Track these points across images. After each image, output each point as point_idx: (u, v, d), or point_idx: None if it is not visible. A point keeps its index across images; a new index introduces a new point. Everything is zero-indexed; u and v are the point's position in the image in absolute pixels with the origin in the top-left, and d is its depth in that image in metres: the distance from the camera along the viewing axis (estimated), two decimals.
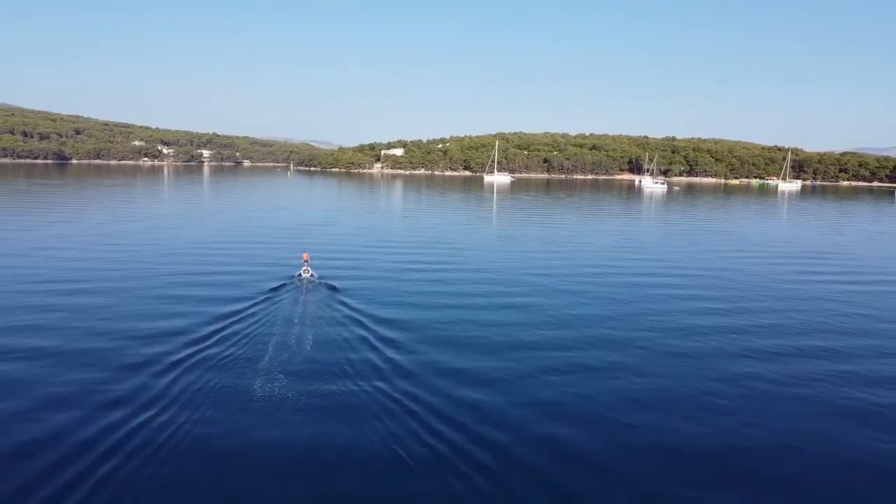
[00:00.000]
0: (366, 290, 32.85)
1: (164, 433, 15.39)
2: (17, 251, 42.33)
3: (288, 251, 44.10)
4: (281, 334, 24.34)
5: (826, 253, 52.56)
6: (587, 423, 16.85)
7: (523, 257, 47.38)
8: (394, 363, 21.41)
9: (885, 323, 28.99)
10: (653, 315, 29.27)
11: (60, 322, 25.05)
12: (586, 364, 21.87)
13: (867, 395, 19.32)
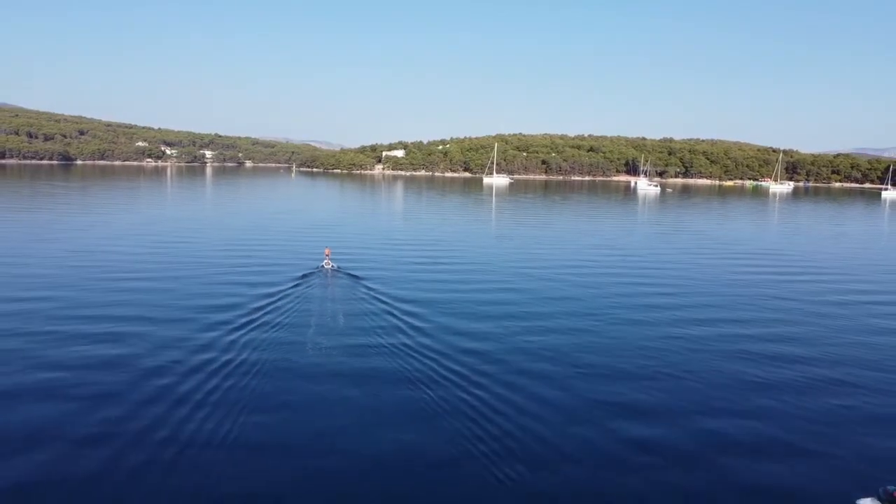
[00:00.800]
0: (380, 277, 39.06)
1: (239, 369, 21.65)
2: (84, 248, 48.53)
3: (308, 247, 50.25)
4: (318, 308, 30.78)
5: (776, 252, 58.10)
6: (551, 361, 23.71)
7: (514, 254, 53.67)
8: (411, 325, 28.04)
9: (789, 302, 35.64)
10: (611, 297, 35.77)
11: (148, 301, 31.33)
12: (552, 327, 28.71)
13: (752, 345, 25.73)
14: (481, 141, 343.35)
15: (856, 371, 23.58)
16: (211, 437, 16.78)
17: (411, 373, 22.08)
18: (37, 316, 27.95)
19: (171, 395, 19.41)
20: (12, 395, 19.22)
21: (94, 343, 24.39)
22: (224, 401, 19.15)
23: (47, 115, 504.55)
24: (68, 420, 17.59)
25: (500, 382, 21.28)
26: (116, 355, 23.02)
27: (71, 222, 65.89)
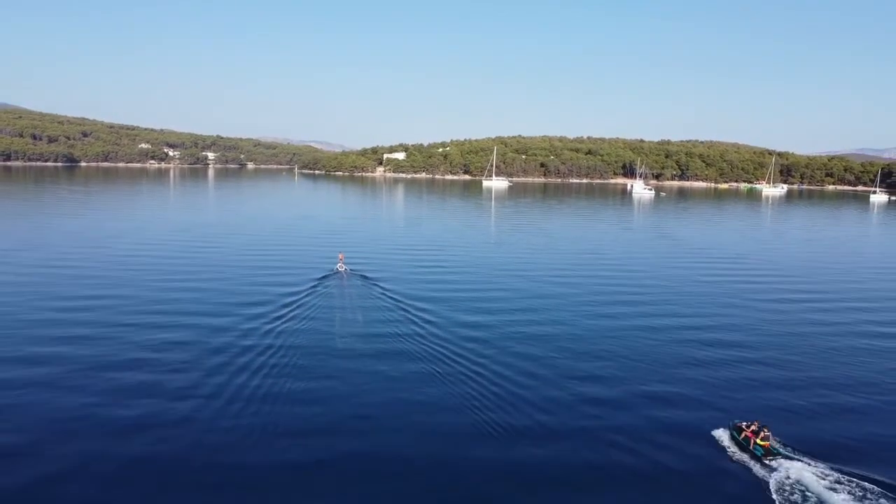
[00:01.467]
0: (389, 278, 44.23)
1: (282, 350, 27.01)
2: (130, 254, 53.73)
3: (322, 252, 55.33)
4: (339, 303, 36.27)
5: (739, 258, 62.62)
6: (534, 345, 30.08)
7: (509, 259, 58.96)
8: (420, 317, 33.79)
9: (732, 300, 41.18)
10: (587, 296, 41.47)
11: (196, 299, 36.71)
12: (537, 319, 35.12)
13: (686, 333, 31.39)
14: (481, 143, 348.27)
15: (755, 353, 29.56)
16: (267, 394, 22.55)
17: (423, 352, 27.82)
18: (118, 310, 33.73)
19: (231, 366, 25.14)
20: (120, 367, 25.11)
21: (165, 330, 30.14)
22: (274, 371, 24.77)
23: (51, 117, 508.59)
24: (159, 385, 23.30)
25: (494, 360, 27.02)
26: (184, 339, 28.77)
27: (107, 229, 70.63)
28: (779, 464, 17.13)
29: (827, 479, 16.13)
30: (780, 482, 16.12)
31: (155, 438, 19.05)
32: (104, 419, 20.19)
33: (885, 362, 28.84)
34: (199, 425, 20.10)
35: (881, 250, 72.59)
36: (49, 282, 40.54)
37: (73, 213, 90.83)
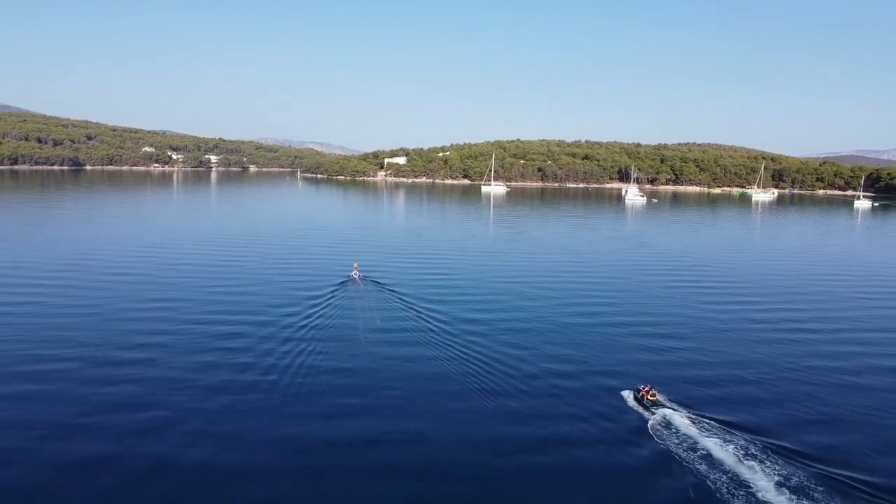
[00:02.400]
0: (398, 282, 51.11)
1: (315, 341, 33.88)
2: (179, 263, 60.64)
3: (338, 261, 62.07)
4: (359, 304, 43.39)
5: (704, 265, 68.70)
6: (520, 336, 36.89)
7: (503, 267, 65.98)
8: (428, 315, 40.87)
9: (680, 302, 48.01)
10: (565, 299, 48.21)
11: (238, 302, 43.46)
12: (524, 317, 41.79)
13: (630, 327, 38.45)
14: (480, 148, 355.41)
15: (667, 341, 37.33)
16: (310, 370, 30.19)
17: (431, 342, 35.29)
18: (183, 311, 40.88)
19: (278, 351, 32.61)
20: (199, 350, 32.80)
21: (224, 324, 37.56)
22: (312, 356, 32.29)
23: (55, 120, 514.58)
24: (227, 363, 30.73)
25: (488, 348, 34.51)
26: (239, 331, 36.05)
27: (147, 241, 76.93)
28: (659, 410, 25.91)
29: (686, 418, 25.33)
30: (657, 421, 25.13)
31: (231, 398, 26.59)
32: (201, 382, 28.43)
33: (762, 346, 37.17)
34: (262, 388, 27.64)
35: (833, 258, 79.24)
36: (119, 288, 47.41)
37: (106, 223, 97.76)
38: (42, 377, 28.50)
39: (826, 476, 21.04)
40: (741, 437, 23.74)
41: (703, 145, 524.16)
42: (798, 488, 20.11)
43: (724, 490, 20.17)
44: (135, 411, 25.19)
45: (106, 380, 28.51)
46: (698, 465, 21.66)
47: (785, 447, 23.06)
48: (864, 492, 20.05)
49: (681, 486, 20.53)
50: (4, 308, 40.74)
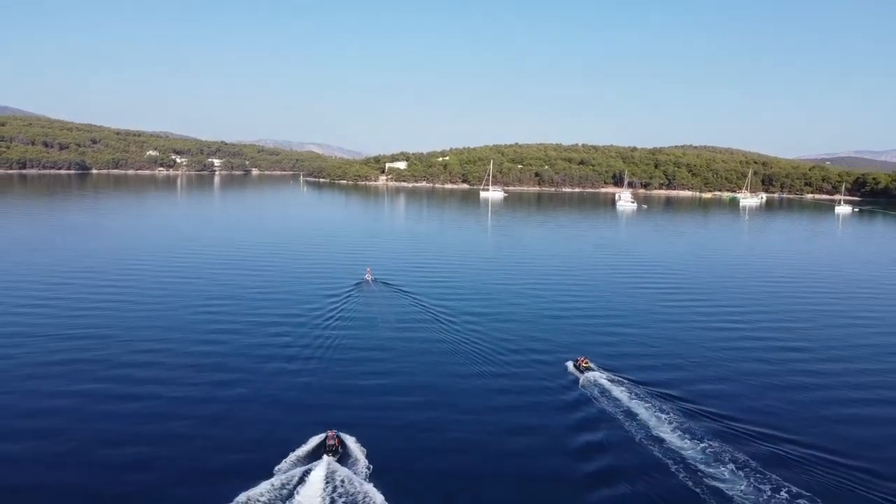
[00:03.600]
0: (405, 283, 59.94)
1: (341, 330, 42.68)
2: (217, 269, 69.65)
3: (351, 265, 70.78)
4: (375, 300, 52.39)
5: (670, 271, 77.21)
6: (508, 323, 45.66)
7: (498, 271, 75.05)
8: (433, 309, 49.95)
9: (636, 300, 56.83)
10: (548, 298, 56.97)
11: (268, 305, 52.03)
12: (512, 311, 50.54)
13: (587, 312, 47.06)
14: (479, 153, 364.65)
15: (607, 323, 46.80)
16: (340, 349, 38.97)
17: (437, 329, 44.45)
18: (234, 312, 48.99)
19: (311, 335, 41.57)
20: (258, 335, 41.07)
21: (267, 316, 46.58)
22: (341, 339, 41.28)
23: (59, 124, 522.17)
24: (269, 347, 39.44)
25: (484, 334, 43.56)
26: (278, 321, 44.93)
27: (185, 248, 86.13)
28: (589, 373, 35.29)
29: (605, 377, 34.84)
30: (586, 379, 34.64)
31: (277, 368, 35.61)
32: (266, 354, 37.86)
33: (682, 331, 47.71)
34: (297, 364, 36.47)
35: (785, 263, 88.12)
36: (177, 291, 56.13)
37: (137, 232, 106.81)
38: (150, 361, 36.97)
39: (705, 416, 30.06)
40: (642, 388, 33.57)
41: (700, 148, 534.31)
42: (675, 422, 28.83)
43: (622, 420, 29.52)
44: (224, 372, 34.76)
45: (201, 355, 37.68)
46: (608, 407, 31.32)
47: (670, 394, 33.00)
48: (736, 429, 28.77)
49: (593, 417, 30.32)
50: (120, 305, 49.50)
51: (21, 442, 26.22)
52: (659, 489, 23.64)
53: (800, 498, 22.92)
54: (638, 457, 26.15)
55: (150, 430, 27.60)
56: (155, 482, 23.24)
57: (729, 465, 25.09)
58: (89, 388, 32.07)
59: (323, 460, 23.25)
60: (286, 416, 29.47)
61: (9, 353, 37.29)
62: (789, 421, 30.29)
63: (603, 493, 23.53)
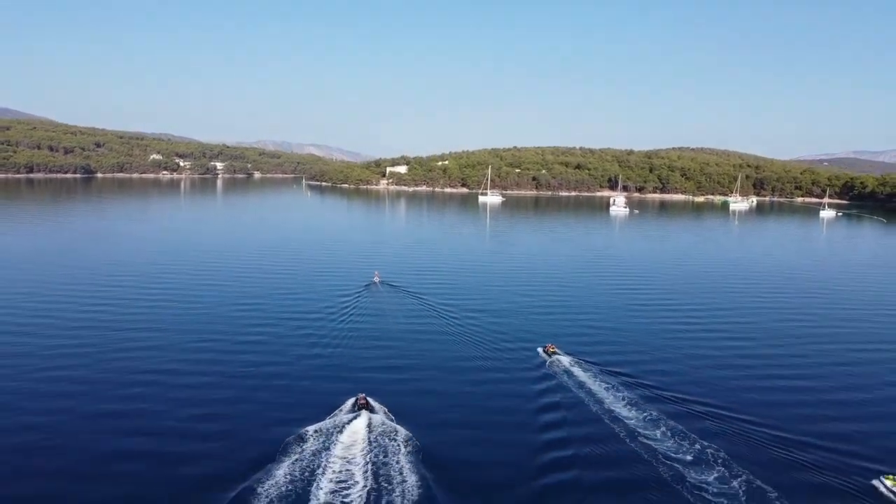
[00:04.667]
0: (411, 284, 68.09)
1: (358, 321, 50.88)
2: (244, 274, 77.93)
3: (361, 269, 78.93)
4: (387, 298, 60.68)
5: (642, 275, 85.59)
6: (498, 315, 53.69)
7: (492, 275, 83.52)
8: (435, 304, 58.41)
9: (608, 298, 65.03)
10: (537, 297, 65.12)
11: (287, 305, 60.27)
12: (501, 305, 58.65)
13: (551, 304, 55.11)
14: (477, 157, 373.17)
15: (573, 315, 55.32)
16: (358, 337, 47.25)
17: (438, 321, 52.80)
18: (264, 309, 57.26)
19: (329, 327, 49.41)
20: (286, 328, 48.85)
21: (292, 312, 54.63)
22: (357, 330, 49.46)
23: (63, 128, 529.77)
24: (299, 337, 47.25)
25: (476, 325, 51.94)
26: (301, 323, 52.61)
27: (208, 256, 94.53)
28: (556, 357, 43.29)
29: (568, 360, 42.73)
30: (552, 361, 42.70)
31: (309, 352, 43.15)
32: (293, 342, 44.82)
33: (638, 321, 57.17)
34: (328, 349, 44.59)
35: (752, 267, 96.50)
36: (213, 291, 64.48)
37: (160, 238, 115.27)
38: (207, 346, 45.15)
39: (642, 387, 38.41)
40: (596, 367, 41.79)
41: (697, 150, 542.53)
42: (625, 397, 36.80)
43: (583, 395, 37.34)
44: (266, 355, 42.56)
45: (244, 343, 45.75)
46: (566, 380, 39.69)
47: (618, 372, 41.34)
48: (674, 399, 36.91)
49: (554, 387, 38.63)
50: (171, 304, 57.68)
51: (127, 403, 34.50)
52: (600, 440, 31.69)
53: (708, 448, 30.53)
54: (586, 416, 34.41)
55: (218, 394, 36.28)
56: (233, 427, 31.98)
57: (661, 428, 32.58)
58: (172, 368, 40.74)
59: (361, 413, 32.17)
60: (326, 384, 38.00)
61: (93, 342, 45.57)
62: (713, 393, 38.49)
63: (553, 435, 31.91)
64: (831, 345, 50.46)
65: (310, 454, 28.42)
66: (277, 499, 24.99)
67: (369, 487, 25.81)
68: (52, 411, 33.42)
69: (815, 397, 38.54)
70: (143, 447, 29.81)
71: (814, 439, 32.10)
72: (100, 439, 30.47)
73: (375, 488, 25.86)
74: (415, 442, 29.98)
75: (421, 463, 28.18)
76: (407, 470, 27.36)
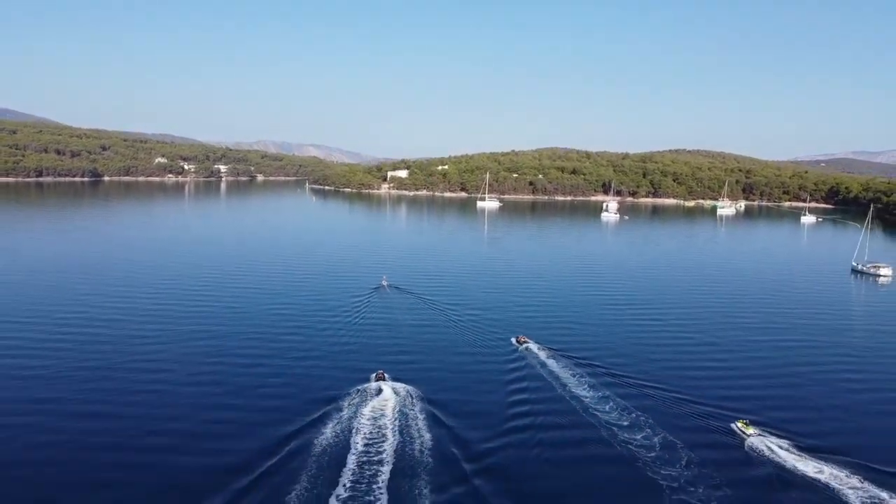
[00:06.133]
0: (415, 286, 78.78)
1: (371, 317, 61.61)
2: (273, 278, 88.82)
3: (370, 273, 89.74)
4: (394, 299, 71.83)
5: (611, 274, 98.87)
6: (490, 311, 63.94)
7: (484, 275, 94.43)
8: (438, 301, 69.71)
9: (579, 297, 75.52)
10: (516, 290, 75.85)
11: (314, 299, 71.07)
12: (493, 302, 69.18)
13: (521, 298, 65.77)
14: (476, 161, 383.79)
15: (547, 311, 65.82)
16: (370, 331, 58.33)
17: (437, 316, 63.89)
18: (292, 305, 68.47)
19: (344, 322, 60.42)
20: (309, 323, 59.56)
21: (313, 310, 65.19)
22: (370, 325, 60.29)
23: (69, 131, 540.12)
24: (322, 328, 58.22)
25: (467, 319, 62.96)
26: (324, 316, 63.20)
27: (233, 263, 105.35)
28: (527, 346, 54.11)
29: (536, 347, 53.82)
30: (523, 349, 53.61)
31: (332, 340, 53.65)
32: (317, 330, 55.28)
33: (601, 315, 68.93)
34: (345, 338, 55.42)
35: (713, 271, 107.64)
36: (246, 292, 75.31)
37: (186, 249, 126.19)
38: (253, 334, 55.87)
39: (591, 366, 49.22)
40: (566, 354, 52.16)
41: (694, 152, 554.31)
42: (589, 382, 47.27)
43: (540, 369, 48.11)
44: (298, 346, 53.06)
45: (278, 332, 56.43)
46: (533, 361, 50.44)
47: (574, 356, 51.95)
48: (617, 375, 47.54)
49: (522, 366, 49.19)
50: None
51: (213, 373, 45.27)
52: (557, 409, 42.05)
53: (641, 416, 40.76)
54: (548, 393, 44.90)
55: (263, 370, 47.45)
56: (288, 393, 42.93)
57: (610, 403, 42.81)
58: (231, 347, 51.71)
59: (380, 383, 43.34)
60: (353, 364, 48.97)
61: (161, 334, 56.46)
62: (647, 371, 49.28)
63: (519, 409, 41.90)
64: (734, 332, 62.55)
65: (347, 414, 38.99)
66: (331, 443, 35.34)
67: (393, 432, 36.67)
68: (165, 381, 44.27)
69: (719, 373, 50.35)
70: (236, 399, 41.40)
71: (706, 401, 43.63)
72: (199, 395, 41.37)
73: (398, 433, 36.60)
74: (420, 401, 41.03)
75: (425, 414, 39.22)
76: (418, 420, 38.47)
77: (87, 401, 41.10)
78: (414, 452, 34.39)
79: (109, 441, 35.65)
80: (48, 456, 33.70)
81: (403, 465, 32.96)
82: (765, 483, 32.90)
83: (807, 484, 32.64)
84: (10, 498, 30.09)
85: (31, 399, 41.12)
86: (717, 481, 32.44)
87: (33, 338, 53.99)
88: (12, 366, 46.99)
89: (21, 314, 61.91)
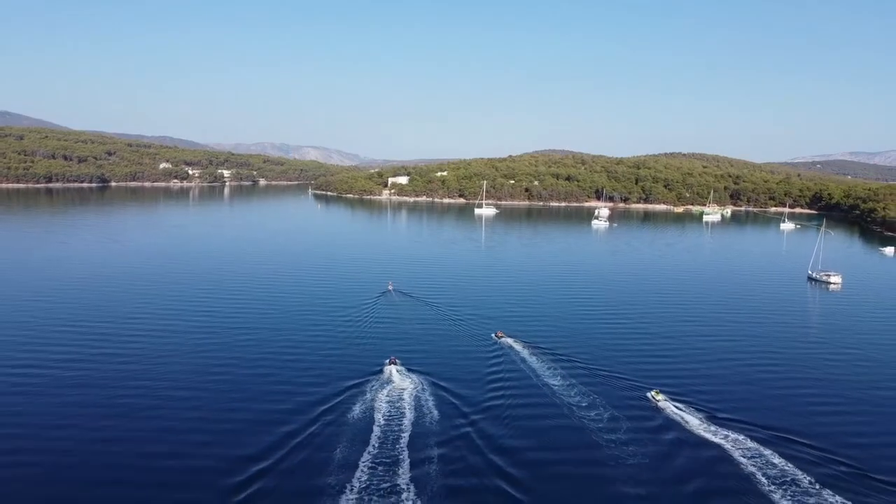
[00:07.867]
0: (418, 290, 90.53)
1: (380, 319, 73.58)
2: (284, 280, 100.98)
3: (377, 278, 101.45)
4: (400, 301, 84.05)
5: (589, 277, 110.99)
6: (484, 309, 75.81)
7: (480, 279, 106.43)
8: (439, 303, 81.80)
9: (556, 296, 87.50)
10: (507, 289, 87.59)
11: (326, 300, 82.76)
12: (488, 304, 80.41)
13: (503, 298, 77.78)
14: (474, 168, 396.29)
15: (522, 308, 77.93)
16: (380, 327, 70.19)
17: (437, 314, 76.41)
18: (308, 306, 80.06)
19: (354, 320, 72.43)
20: (329, 325, 71.48)
21: (327, 311, 76.97)
22: (379, 323, 72.27)
23: (74, 136, 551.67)
24: (337, 326, 69.79)
25: (478, 314, 74.99)
26: (337, 316, 74.99)
27: (252, 269, 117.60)
28: (504, 339, 66.35)
29: (513, 341, 65.84)
30: (503, 343, 65.42)
31: (348, 335, 65.22)
32: (334, 329, 66.83)
33: (573, 311, 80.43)
34: (360, 332, 67.15)
35: (683, 274, 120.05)
36: (268, 295, 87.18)
37: (213, 256, 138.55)
38: (272, 331, 67.84)
39: (564, 358, 60.69)
40: (542, 349, 63.42)
41: (689, 155, 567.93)
42: (562, 373, 59.05)
43: (516, 360, 59.80)
44: (324, 337, 64.79)
45: (297, 329, 68.06)
46: (511, 354, 61.77)
47: (546, 348, 63.32)
48: (580, 364, 59.35)
49: (501, 357, 60.95)
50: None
51: (238, 366, 57.37)
52: (529, 396, 53.32)
53: (596, 398, 52.94)
54: (523, 381, 56.12)
55: (284, 359, 59.15)
56: (301, 381, 54.16)
57: (576, 388, 53.95)
58: (262, 338, 63.60)
59: (392, 368, 54.96)
60: (368, 353, 60.72)
61: (196, 340, 68.39)
62: (605, 359, 60.96)
63: (497, 394, 52.70)
64: (685, 327, 74.60)
65: (370, 395, 50.39)
66: (358, 416, 46.40)
67: (410, 405, 48.29)
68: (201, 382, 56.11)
69: (665, 361, 62.04)
70: (258, 382, 52.89)
71: (635, 378, 55.86)
72: (219, 386, 53.17)
73: (413, 408, 48.04)
74: (425, 382, 52.95)
75: (429, 391, 51.12)
76: (425, 394, 50.38)
77: (116, 397, 50.92)
78: (424, 421, 45.99)
79: (156, 425, 47.10)
80: (70, 460, 39.47)
81: (419, 431, 44.14)
82: (671, 440, 44.94)
83: (700, 441, 44.43)
84: (28, 495, 35.87)
85: (58, 402, 48.07)
86: (639, 437, 44.43)
87: (68, 344, 63.62)
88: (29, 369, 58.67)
89: (59, 321, 73.78)
